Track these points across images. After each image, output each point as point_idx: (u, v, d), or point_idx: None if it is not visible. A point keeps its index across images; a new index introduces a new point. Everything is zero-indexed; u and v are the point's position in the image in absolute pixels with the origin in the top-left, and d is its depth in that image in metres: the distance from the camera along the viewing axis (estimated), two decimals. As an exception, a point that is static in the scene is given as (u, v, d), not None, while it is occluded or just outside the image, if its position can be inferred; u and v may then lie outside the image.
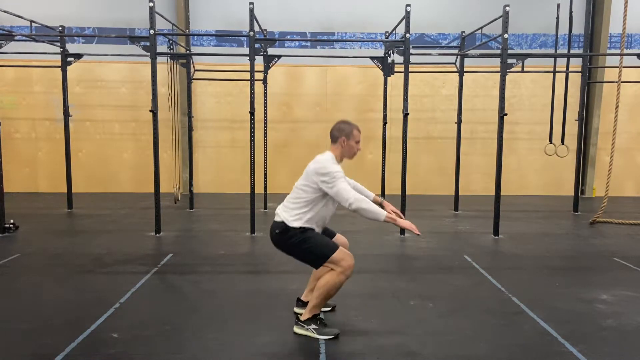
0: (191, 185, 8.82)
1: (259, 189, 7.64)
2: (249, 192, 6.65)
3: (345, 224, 7.22)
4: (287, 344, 3.24)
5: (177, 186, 8.29)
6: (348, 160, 3.50)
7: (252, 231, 6.53)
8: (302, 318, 3.38)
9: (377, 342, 3.25)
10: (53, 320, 3.58)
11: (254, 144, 6.55)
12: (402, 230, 6.58)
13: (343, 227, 7.02)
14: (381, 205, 3.63)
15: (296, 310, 3.70)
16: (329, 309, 3.76)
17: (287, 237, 3.31)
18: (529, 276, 4.83)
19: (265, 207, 8.54)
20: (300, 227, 3.29)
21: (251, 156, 6.58)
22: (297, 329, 3.38)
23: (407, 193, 6.71)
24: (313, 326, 3.32)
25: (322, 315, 3.47)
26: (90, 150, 10.51)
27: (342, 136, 3.42)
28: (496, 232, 6.56)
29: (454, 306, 3.94)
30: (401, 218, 3.33)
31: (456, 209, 8.68)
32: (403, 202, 6.60)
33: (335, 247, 3.27)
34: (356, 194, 3.23)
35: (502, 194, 6.66)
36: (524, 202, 9.75)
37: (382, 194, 8.64)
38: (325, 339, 3.27)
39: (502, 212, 6.70)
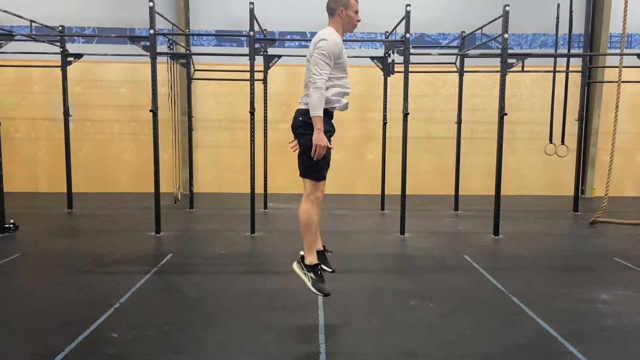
0: (191, 185, 8.82)
1: (259, 189, 7.64)
2: (249, 192, 6.65)
3: (345, 224, 7.24)
4: (287, 344, 3.24)
5: (177, 186, 8.30)
6: (349, 33, 3.48)
7: (252, 231, 6.53)
8: (306, 261, 3.38)
9: (377, 342, 3.25)
10: (53, 320, 3.58)
11: (253, 143, 6.55)
12: (402, 230, 6.58)
13: (342, 227, 7.03)
14: None
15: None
16: (330, 270, 3.73)
17: (309, 126, 3.38)
18: (529, 276, 4.83)
19: (265, 207, 8.55)
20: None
21: (251, 156, 6.57)
22: (296, 267, 3.41)
23: (407, 193, 6.71)
24: (312, 275, 3.32)
25: (324, 267, 3.49)
26: (90, 150, 10.51)
27: (340, 7, 3.38)
28: (496, 232, 6.56)
29: (454, 306, 3.94)
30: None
31: (456, 208, 8.68)
32: (403, 202, 6.61)
33: (324, 178, 3.43)
34: (324, 84, 3.31)
35: (502, 194, 6.65)
36: (524, 202, 9.74)
37: (382, 194, 8.63)
38: (314, 291, 3.30)
39: (502, 212, 6.69)
